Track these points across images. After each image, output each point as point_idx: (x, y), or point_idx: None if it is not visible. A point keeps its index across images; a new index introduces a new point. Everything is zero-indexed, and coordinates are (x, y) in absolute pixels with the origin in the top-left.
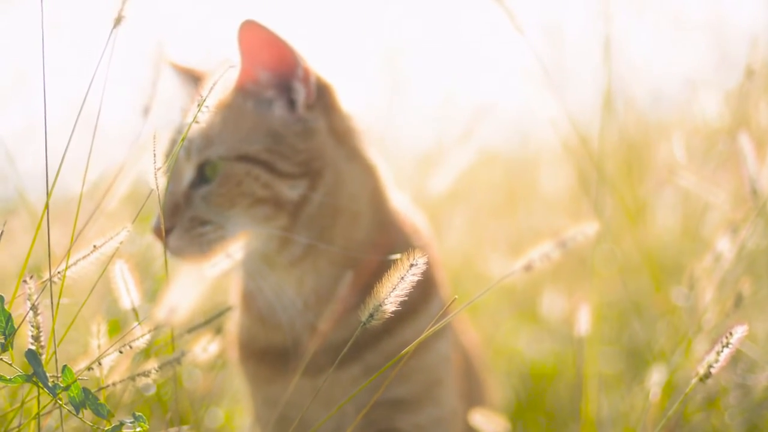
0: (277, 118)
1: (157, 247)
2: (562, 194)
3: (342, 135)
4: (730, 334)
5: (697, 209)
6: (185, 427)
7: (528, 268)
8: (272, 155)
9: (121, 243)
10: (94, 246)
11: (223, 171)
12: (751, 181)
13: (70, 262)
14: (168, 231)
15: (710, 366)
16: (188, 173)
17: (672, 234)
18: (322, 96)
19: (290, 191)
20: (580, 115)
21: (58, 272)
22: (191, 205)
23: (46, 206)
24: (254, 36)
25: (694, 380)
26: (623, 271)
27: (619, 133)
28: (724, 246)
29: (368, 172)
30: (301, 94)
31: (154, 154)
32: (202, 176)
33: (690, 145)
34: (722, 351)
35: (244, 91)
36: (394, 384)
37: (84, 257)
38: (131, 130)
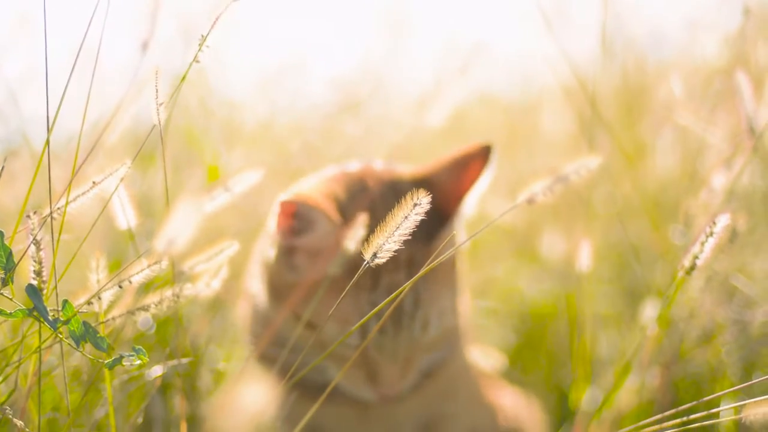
0: None
1: (366, 395)
2: (562, 137)
3: None
4: (714, 223)
5: (696, 148)
6: (184, 360)
7: (531, 200)
8: None
9: (121, 179)
10: (94, 182)
11: None
12: (749, 119)
13: (70, 198)
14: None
15: (695, 257)
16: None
17: (671, 174)
18: None
19: None
20: (580, 56)
21: (59, 208)
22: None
23: (47, 143)
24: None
25: (681, 274)
26: (622, 211)
27: (619, 74)
28: (719, 182)
29: None
30: None
31: (156, 89)
32: None
33: (689, 85)
34: (706, 241)
35: None
36: (436, 385)
37: (84, 193)
38: (130, 67)
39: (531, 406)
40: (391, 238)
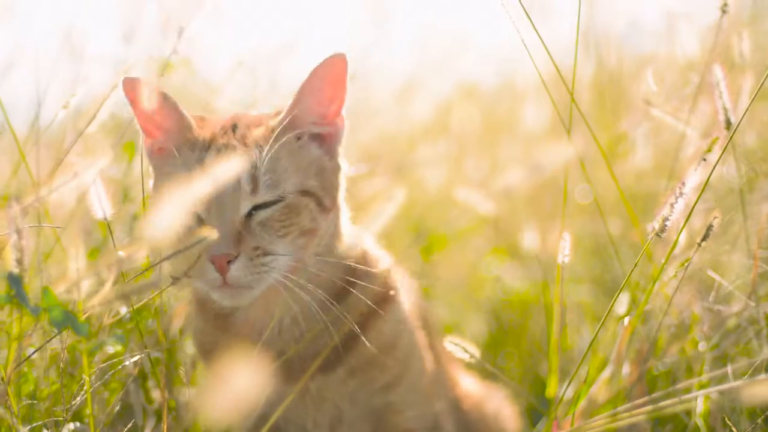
0: (320, 156)
1: (209, 274)
2: (541, 130)
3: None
4: (683, 184)
5: (673, 141)
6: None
7: (508, 188)
8: (322, 191)
9: (98, 172)
10: (75, 172)
11: (287, 201)
12: (725, 112)
13: (53, 187)
14: (231, 260)
15: (665, 220)
16: (249, 204)
17: (648, 166)
18: None
19: (324, 223)
20: (558, 48)
21: (41, 197)
22: (253, 234)
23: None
24: (334, 70)
25: (651, 236)
26: (600, 204)
27: (597, 66)
28: (694, 177)
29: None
30: (341, 134)
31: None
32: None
33: (667, 78)
34: (676, 202)
35: (293, 130)
36: (378, 377)
37: (65, 183)
38: (114, 55)
39: (503, 399)
40: None
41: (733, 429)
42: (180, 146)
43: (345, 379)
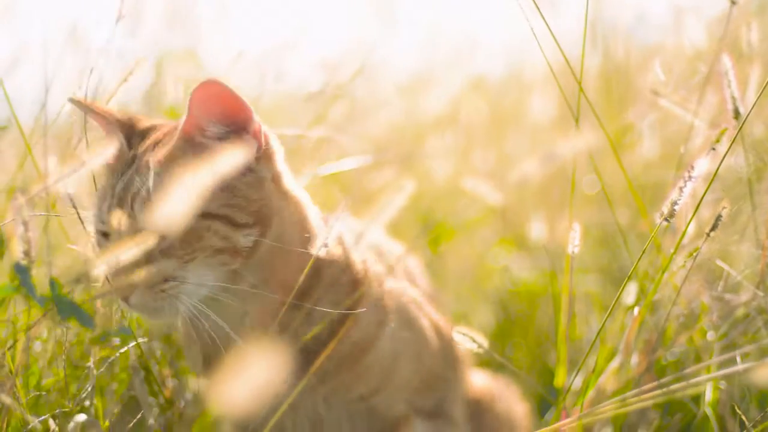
0: (229, 171)
1: (119, 301)
2: (548, 121)
3: (277, 178)
4: (692, 168)
5: (681, 132)
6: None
7: (516, 179)
8: (231, 209)
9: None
10: (82, 161)
11: (185, 228)
12: (733, 101)
13: (59, 177)
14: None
15: (674, 204)
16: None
17: (656, 157)
18: (266, 146)
19: (245, 239)
20: (566, 40)
21: (46, 188)
22: (152, 262)
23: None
24: (211, 91)
25: (660, 221)
26: (607, 194)
27: (604, 58)
28: (702, 167)
29: (298, 208)
30: (253, 147)
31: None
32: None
33: (674, 68)
34: (685, 186)
35: (193, 145)
36: (352, 385)
37: (72, 172)
38: (121, 49)
39: (514, 396)
40: None
41: (743, 417)
42: (107, 167)
43: (315, 386)
